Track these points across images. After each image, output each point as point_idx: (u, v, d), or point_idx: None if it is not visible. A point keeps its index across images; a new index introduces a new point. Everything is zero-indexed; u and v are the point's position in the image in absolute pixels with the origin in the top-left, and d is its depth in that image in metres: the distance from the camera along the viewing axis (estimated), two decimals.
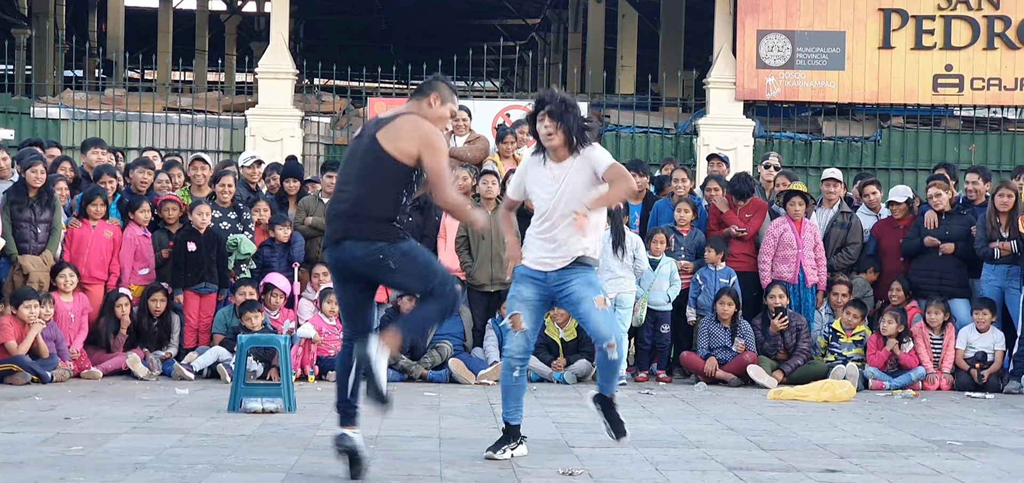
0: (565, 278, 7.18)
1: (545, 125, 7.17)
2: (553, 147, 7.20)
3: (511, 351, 7.29)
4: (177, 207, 12.59)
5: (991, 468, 7.19)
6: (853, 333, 12.19)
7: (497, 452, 7.21)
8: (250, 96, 19.59)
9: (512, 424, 7.33)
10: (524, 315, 7.24)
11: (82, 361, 11.67)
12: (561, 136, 7.15)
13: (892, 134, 19.08)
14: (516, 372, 7.30)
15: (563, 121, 7.13)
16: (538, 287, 7.24)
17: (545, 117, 7.17)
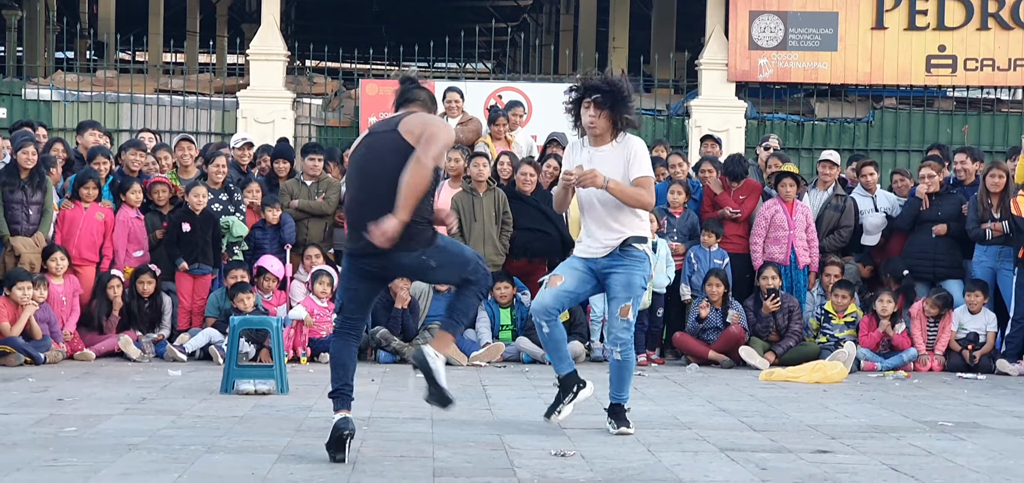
0: (613, 265, 7.35)
1: (590, 113, 7.27)
2: (595, 134, 7.33)
3: (534, 307, 7.48)
4: (167, 189, 12.57)
5: (983, 448, 7.21)
6: (845, 314, 12.21)
7: (552, 415, 7.50)
8: (241, 78, 19.55)
9: (565, 376, 7.52)
10: (567, 277, 7.40)
11: (75, 343, 11.67)
12: (605, 124, 7.29)
13: (885, 115, 19.07)
14: (545, 328, 7.43)
15: (612, 111, 7.25)
16: (588, 265, 7.42)
17: (591, 105, 7.27)
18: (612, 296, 7.37)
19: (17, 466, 6.01)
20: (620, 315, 7.34)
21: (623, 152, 7.32)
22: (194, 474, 5.88)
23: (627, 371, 7.47)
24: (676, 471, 6.23)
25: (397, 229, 6.15)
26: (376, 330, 12.00)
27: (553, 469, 6.22)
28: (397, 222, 6.15)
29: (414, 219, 6.28)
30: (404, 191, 6.17)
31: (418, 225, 6.34)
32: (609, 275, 7.36)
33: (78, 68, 19.90)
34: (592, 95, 7.27)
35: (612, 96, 7.24)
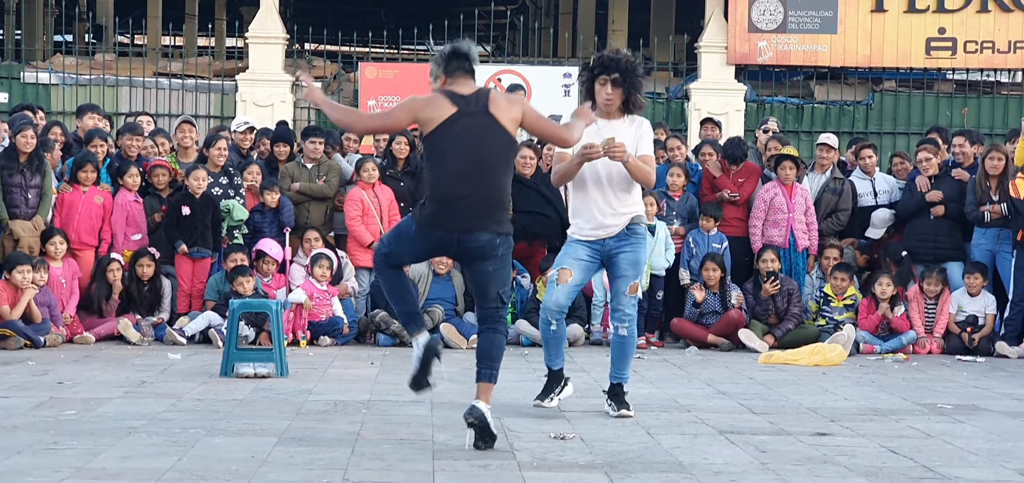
0: (620, 245, 7.40)
1: (607, 90, 7.34)
2: (610, 111, 7.39)
3: (548, 305, 7.48)
4: (166, 172, 12.56)
5: (981, 431, 7.22)
6: (844, 297, 12.21)
7: (545, 400, 7.54)
8: (240, 61, 19.52)
9: (554, 370, 7.59)
10: (575, 271, 7.43)
11: (75, 326, 11.67)
12: (619, 102, 7.39)
13: (884, 98, 19.06)
14: (553, 326, 7.51)
15: (626, 91, 7.34)
16: (594, 250, 7.45)
17: (608, 83, 7.34)
18: (620, 274, 7.40)
19: (17, 449, 6.02)
20: (629, 292, 7.39)
21: (634, 130, 7.42)
22: (194, 457, 5.89)
23: (630, 349, 7.51)
24: (675, 454, 6.24)
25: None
26: (376, 313, 12.01)
27: (553, 452, 6.23)
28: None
29: (504, 201, 6.52)
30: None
31: (505, 207, 6.54)
32: (617, 254, 7.41)
33: (77, 51, 19.90)
34: (611, 73, 7.34)
35: (630, 75, 7.34)
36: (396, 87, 18.30)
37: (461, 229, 6.43)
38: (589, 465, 5.89)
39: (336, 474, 5.54)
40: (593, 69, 7.42)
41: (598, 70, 7.39)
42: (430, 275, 12.31)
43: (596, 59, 7.46)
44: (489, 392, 6.47)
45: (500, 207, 6.49)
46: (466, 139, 6.40)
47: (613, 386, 7.57)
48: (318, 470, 5.63)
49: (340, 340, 11.95)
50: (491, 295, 6.55)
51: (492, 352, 6.53)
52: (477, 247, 6.45)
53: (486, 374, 6.48)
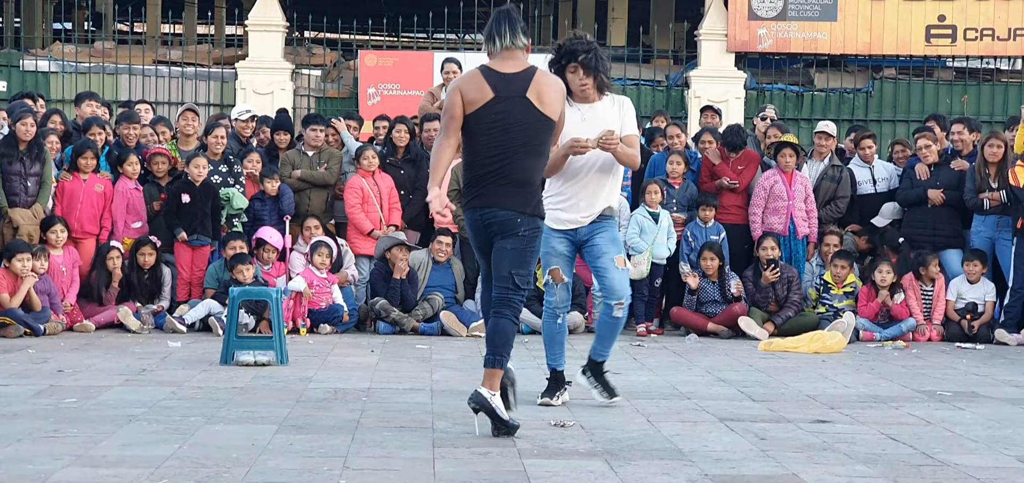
0: (592, 231, 7.36)
1: (580, 78, 7.27)
2: (587, 95, 7.33)
3: (554, 303, 7.44)
4: (166, 160, 12.56)
5: (981, 418, 7.22)
6: (844, 285, 12.21)
7: (553, 398, 7.42)
8: (240, 49, 19.52)
9: (559, 371, 7.50)
10: (562, 268, 7.38)
11: (74, 314, 11.68)
12: (593, 84, 7.31)
13: (884, 85, 19.05)
14: (560, 320, 7.48)
15: (597, 70, 7.27)
16: (568, 240, 7.39)
17: (579, 69, 7.26)
18: (602, 252, 7.33)
19: (17, 437, 6.03)
20: (619, 265, 7.32)
21: (617, 110, 7.37)
22: (194, 445, 5.90)
23: (619, 329, 7.44)
24: (675, 441, 6.24)
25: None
26: (375, 301, 12.01)
27: (553, 440, 6.23)
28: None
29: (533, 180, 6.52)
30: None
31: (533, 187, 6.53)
32: (589, 239, 7.35)
33: (76, 39, 19.87)
34: (578, 58, 7.25)
35: (596, 57, 7.27)
36: (396, 75, 18.30)
37: (483, 206, 6.49)
38: (589, 452, 5.90)
39: (336, 462, 5.54)
40: (559, 60, 7.32)
41: (565, 59, 7.30)
42: (430, 263, 12.32)
43: (557, 50, 7.39)
44: (494, 378, 6.38)
45: (524, 186, 6.46)
46: (500, 122, 6.45)
47: (594, 362, 7.49)
48: (318, 458, 5.64)
49: (340, 328, 11.95)
50: (503, 273, 6.47)
51: (495, 338, 6.45)
52: (496, 223, 6.46)
53: (489, 359, 6.42)
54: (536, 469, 5.46)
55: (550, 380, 7.51)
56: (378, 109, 16.33)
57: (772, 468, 5.60)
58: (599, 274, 7.40)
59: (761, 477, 5.40)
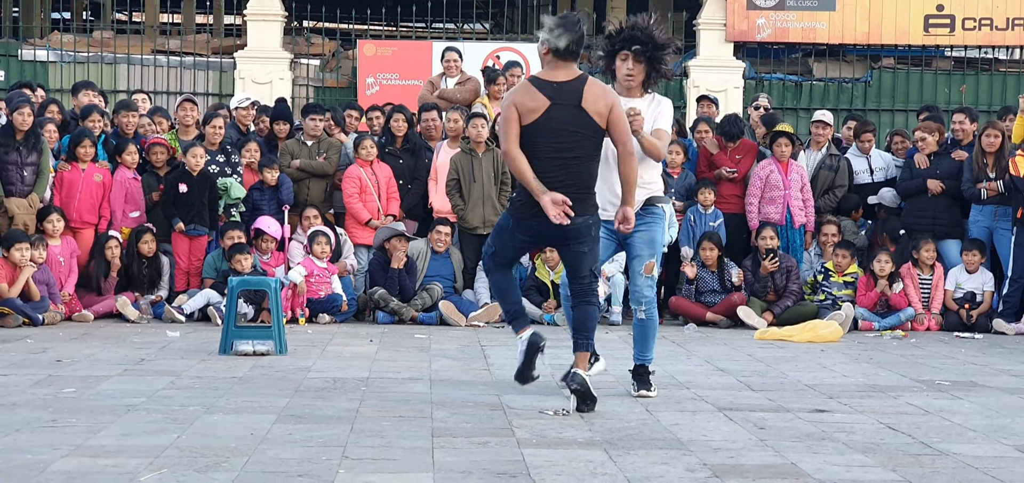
0: (636, 225, 7.18)
1: (628, 65, 7.18)
2: (629, 87, 7.24)
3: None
4: (165, 150, 12.55)
5: (979, 407, 7.23)
6: (845, 273, 12.21)
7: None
8: (239, 38, 19.50)
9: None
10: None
11: (73, 304, 11.68)
12: (641, 77, 7.21)
13: (883, 75, 19.05)
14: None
15: (649, 63, 7.17)
16: (609, 229, 7.30)
17: (630, 57, 7.16)
18: (636, 254, 7.28)
19: (16, 427, 6.03)
20: (645, 273, 7.26)
21: (654, 108, 7.28)
22: (193, 435, 5.90)
23: (652, 330, 7.38)
24: (674, 430, 6.24)
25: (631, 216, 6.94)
26: (374, 291, 12.01)
27: (552, 429, 6.24)
28: (631, 210, 6.94)
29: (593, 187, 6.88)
30: (628, 185, 6.86)
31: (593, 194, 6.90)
32: (632, 235, 7.23)
33: (74, 29, 19.88)
34: (630, 46, 7.14)
35: (652, 48, 7.14)
36: (395, 65, 18.29)
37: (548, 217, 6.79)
38: (588, 442, 5.90)
39: (335, 451, 5.55)
40: (614, 43, 7.19)
41: (619, 45, 7.17)
42: (429, 253, 12.32)
43: (617, 32, 7.21)
44: (585, 360, 6.90)
45: (590, 191, 6.87)
46: (559, 133, 6.72)
47: (637, 367, 7.44)
48: (317, 447, 5.64)
49: (339, 318, 11.95)
50: (584, 273, 6.95)
51: (587, 323, 6.98)
52: (573, 230, 6.82)
53: (582, 343, 6.93)
54: (535, 459, 5.46)
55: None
56: (377, 98, 16.32)
57: (771, 457, 5.61)
58: (630, 273, 7.48)
59: (760, 466, 5.40)
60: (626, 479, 5.10)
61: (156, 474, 5.03)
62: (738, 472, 5.27)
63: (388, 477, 5.06)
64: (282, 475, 5.06)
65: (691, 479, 5.13)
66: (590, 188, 6.84)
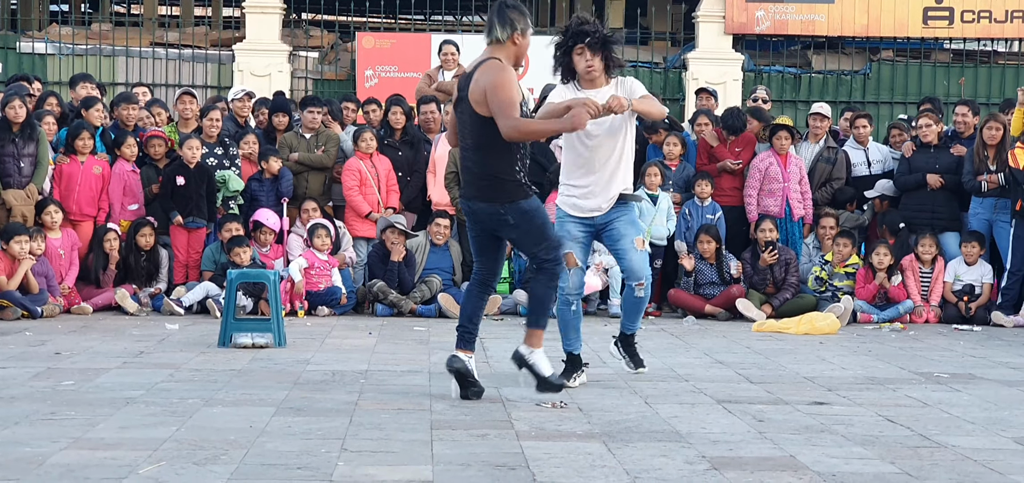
0: (609, 217, 7.42)
1: (587, 58, 7.25)
2: (592, 79, 7.31)
3: (567, 288, 7.43)
4: (163, 143, 12.54)
5: (978, 399, 7.23)
6: (847, 264, 12.20)
7: (570, 379, 7.38)
8: (237, 31, 19.49)
9: (575, 354, 7.53)
10: (576, 253, 7.42)
11: (72, 297, 11.67)
12: (601, 66, 7.29)
13: (882, 67, 19.05)
14: (573, 306, 7.50)
15: (604, 52, 7.25)
16: (585, 226, 7.45)
17: (586, 51, 7.25)
18: (621, 235, 7.40)
19: (16, 420, 6.03)
20: (638, 247, 7.40)
21: (627, 88, 7.35)
22: (192, 427, 5.90)
23: (643, 306, 7.61)
24: (673, 423, 6.25)
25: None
26: (373, 283, 12.01)
27: (550, 421, 6.24)
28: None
29: (493, 173, 6.72)
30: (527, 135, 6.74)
31: (498, 180, 6.72)
32: (608, 224, 7.42)
33: (73, 21, 19.84)
34: (583, 40, 7.25)
35: (602, 37, 7.26)
36: (393, 57, 18.29)
37: (468, 198, 6.90)
38: (587, 434, 5.90)
39: (334, 444, 5.55)
40: (566, 41, 7.32)
41: (571, 41, 7.30)
42: (427, 245, 12.32)
43: (564, 32, 7.37)
44: (533, 337, 6.84)
45: (491, 181, 6.75)
46: (461, 124, 6.87)
47: (624, 335, 7.70)
48: (316, 440, 5.64)
49: (338, 310, 11.95)
50: (532, 252, 6.84)
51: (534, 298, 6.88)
52: (484, 216, 6.83)
53: (532, 320, 6.86)
54: (534, 451, 5.47)
55: (566, 363, 7.52)
56: (376, 91, 16.32)
57: (770, 450, 5.61)
58: (619, 256, 7.51)
59: (759, 459, 5.40)
60: (625, 471, 5.10)
61: (155, 467, 5.03)
62: (737, 464, 5.27)
63: (387, 469, 5.07)
64: (281, 467, 5.07)
65: (690, 471, 5.13)
66: (489, 177, 6.72)
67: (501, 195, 6.74)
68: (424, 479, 4.90)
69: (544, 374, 6.79)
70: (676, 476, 5.05)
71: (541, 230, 6.78)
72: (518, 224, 6.75)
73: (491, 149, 6.70)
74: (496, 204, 6.74)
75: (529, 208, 6.75)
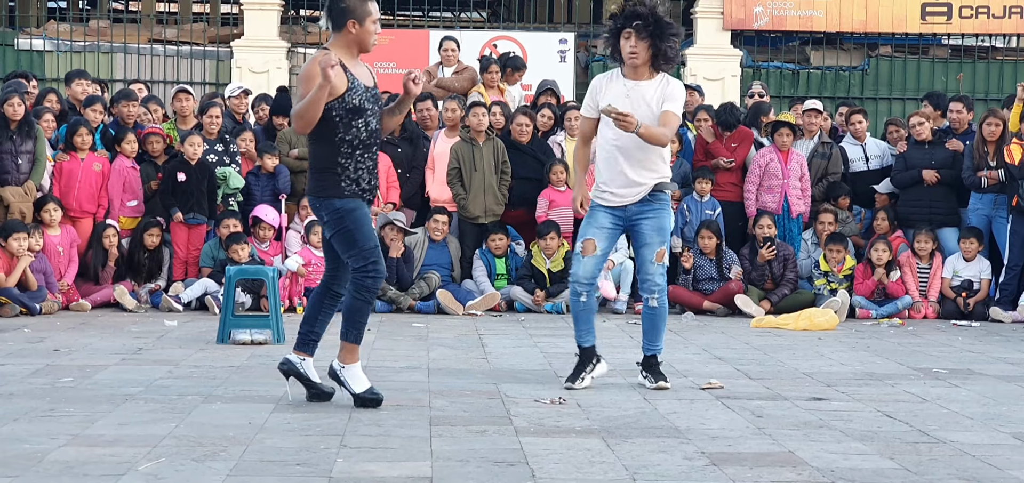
0: (643, 211, 7.11)
1: (631, 43, 6.99)
2: (635, 65, 7.05)
3: (578, 276, 7.20)
4: (161, 140, 12.54)
5: (976, 395, 7.24)
6: (842, 268, 12.18)
7: (576, 381, 7.19)
8: (235, 27, 19.48)
9: (586, 347, 7.28)
10: (598, 240, 7.17)
11: (71, 293, 11.67)
12: (645, 55, 7.01)
13: (880, 63, 19.05)
14: (584, 297, 7.22)
15: (652, 41, 6.97)
16: (616, 217, 7.18)
17: (632, 35, 6.99)
18: (645, 242, 7.13)
19: (14, 416, 6.03)
20: (656, 260, 7.11)
21: (661, 91, 7.06)
22: (191, 424, 5.90)
23: (662, 319, 7.23)
24: (672, 419, 6.25)
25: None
26: None
27: (549, 418, 6.24)
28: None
29: (314, 164, 6.49)
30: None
31: (317, 171, 6.46)
32: (639, 222, 7.13)
33: (71, 18, 19.82)
34: (632, 23, 6.98)
35: (655, 24, 6.96)
36: (391, 53, 18.27)
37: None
38: (586, 430, 5.90)
39: (333, 440, 5.55)
40: (617, 22, 7.06)
41: (622, 23, 7.03)
42: (426, 241, 12.31)
43: (620, 9, 7.10)
44: (347, 352, 6.55)
45: (313, 172, 6.50)
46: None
47: (647, 358, 7.30)
48: (315, 436, 5.64)
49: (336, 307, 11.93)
50: (342, 252, 6.50)
51: (351, 315, 6.53)
52: (312, 210, 6.61)
53: (343, 331, 6.57)
54: (533, 447, 5.47)
55: (578, 360, 7.30)
56: None
57: (768, 445, 5.61)
58: (638, 260, 7.27)
59: (757, 454, 5.41)
60: (624, 468, 5.10)
61: (154, 463, 5.03)
62: (736, 460, 5.28)
63: (386, 466, 5.07)
64: (280, 464, 5.07)
65: (689, 467, 5.13)
66: (313, 166, 6.47)
67: (317, 188, 6.43)
68: (423, 475, 4.91)
69: (355, 391, 6.44)
70: (675, 472, 5.05)
71: (352, 235, 6.39)
72: (330, 222, 6.43)
73: (316, 138, 6.42)
74: (313, 197, 6.46)
75: (343, 208, 6.38)
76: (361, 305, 6.48)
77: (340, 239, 6.43)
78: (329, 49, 6.43)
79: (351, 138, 6.38)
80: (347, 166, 6.38)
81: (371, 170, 6.49)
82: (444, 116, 12.90)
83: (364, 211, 6.46)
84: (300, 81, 6.43)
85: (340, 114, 6.35)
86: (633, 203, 7.13)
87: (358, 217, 6.40)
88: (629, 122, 6.79)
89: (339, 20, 6.44)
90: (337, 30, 6.48)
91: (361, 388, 6.47)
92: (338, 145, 6.37)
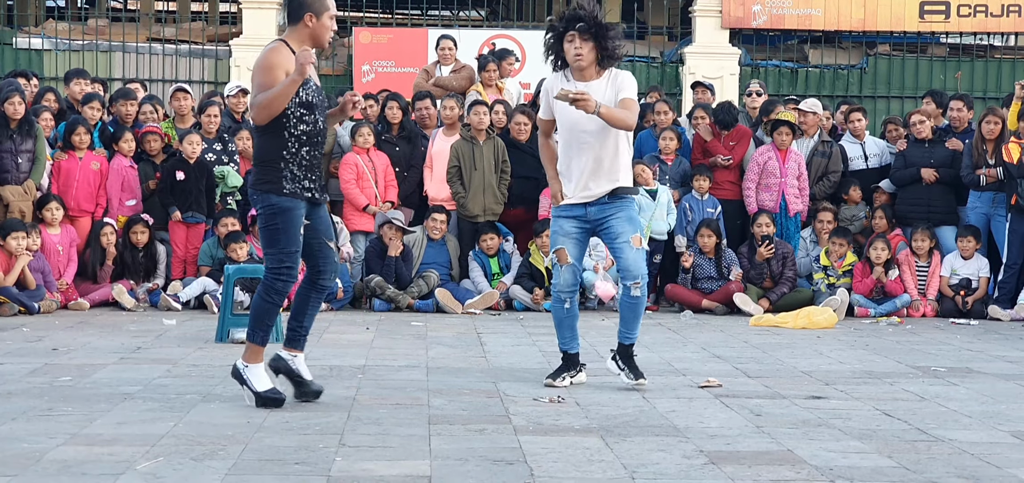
0: (606, 212, 7.11)
1: (575, 45, 6.99)
2: (581, 68, 7.04)
3: (560, 285, 7.21)
4: (158, 138, 12.53)
5: (975, 393, 7.24)
6: (843, 263, 12.19)
7: (557, 379, 7.21)
8: (234, 26, 19.47)
9: (570, 353, 7.31)
10: (569, 249, 7.16)
11: (69, 292, 11.66)
12: (590, 56, 7.01)
13: (878, 61, 19.06)
14: (567, 304, 7.24)
15: (596, 41, 6.98)
16: (578, 220, 7.16)
17: (576, 37, 6.99)
18: (618, 233, 7.08)
19: (12, 416, 6.02)
20: (634, 244, 7.07)
21: (614, 82, 7.06)
22: (189, 422, 5.90)
23: (640, 309, 7.19)
24: (671, 417, 6.25)
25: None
26: (371, 278, 12.01)
27: (548, 416, 6.24)
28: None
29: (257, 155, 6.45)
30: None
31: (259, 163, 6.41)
32: (606, 221, 7.11)
33: (69, 16, 19.81)
34: (575, 26, 6.99)
35: (596, 25, 6.98)
36: (390, 52, 18.28)
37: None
38: (585, 429, 5.90)
39: (332, 439, 5.55)
40: (558, 28, 7.08)
41: (564, 27, 7.04)
42: (424, 240, 12.31)
43: (558, 18, 7.13)
44: (251, 353, 6.49)
45: (256, 164, 6.45)
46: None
47: (622, 346, 7.28)
48: (314, 435, 5.64)
49: (335, 305, 11.94)
50: (264, 247, 6.48)
51: (257, 313, 6.51)
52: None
53: (249, 332, 6.53)
54: (532, 446, 5.47)
55: (562, 361, 7.33)
56: (372, 86, 16.30)
57: (767, 444, 5.61)
58: (615, 255, 7.19)
59: (756, 453, 5.41)
60: (623, 466, 5.10)
61: (152, 463, 5.03)
62: (734, 458, 5.28)
63: (385, 465, 5.07)
64: (279, 463, 5.07)
65: (688, 466, 5.13)
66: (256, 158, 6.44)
67: (258, 180, 6.37)
68: (422, 474, 4.91)
69: (257, 390, 6.35)
70: (674, 470, 5.05)
71: (277, 235, 6.34)
72: (263, 215, 6.37)
73: (264, 130, 6.37)
74: (253, 189, 6.41)
75: (278, 206, 6.32)
76: (269, 307, 6.47)
77: (265, 234, 6.40)
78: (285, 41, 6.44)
79: (300, 133, 6.36)
80: (291, 162, 6.33)
81: (315, 167, 6.47)
82: (442, 115, 12.89)
83: (298, 214, 6.39)
84: (259, 70, 6.37)
85: (292, 107, 6.35)
86: (591, 203, 7.11)
87: (290, 219, 6.34)
88: (587, 101, 6.77)
89: (296, 13, 6.46)
90: (293, 23, 6.49)
91: (263, 387, 6.39)
92: (286, 140, 6.33)
